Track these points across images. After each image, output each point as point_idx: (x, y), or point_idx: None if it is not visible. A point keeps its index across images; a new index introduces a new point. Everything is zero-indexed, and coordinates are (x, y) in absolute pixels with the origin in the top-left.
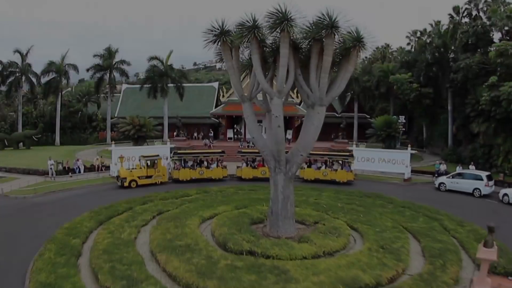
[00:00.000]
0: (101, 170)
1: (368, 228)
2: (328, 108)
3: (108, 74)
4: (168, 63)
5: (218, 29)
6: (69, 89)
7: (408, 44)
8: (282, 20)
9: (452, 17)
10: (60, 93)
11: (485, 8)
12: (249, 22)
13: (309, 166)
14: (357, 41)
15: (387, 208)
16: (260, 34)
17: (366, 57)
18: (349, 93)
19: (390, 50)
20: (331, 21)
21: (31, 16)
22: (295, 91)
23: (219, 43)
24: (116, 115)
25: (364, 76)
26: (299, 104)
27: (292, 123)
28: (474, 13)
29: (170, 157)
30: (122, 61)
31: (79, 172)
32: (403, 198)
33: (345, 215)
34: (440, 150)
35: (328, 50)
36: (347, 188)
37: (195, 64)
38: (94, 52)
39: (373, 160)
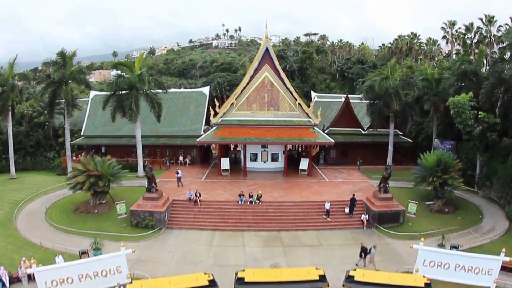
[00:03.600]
0: (32, 278)
1: None
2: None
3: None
4: (139, 71)
5: None
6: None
7: (444, 37)
8: None
9: None
10: (10, 113)
11: None
12: None
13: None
14: None
15: None
16: None
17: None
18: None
19: (417, 41)
20: None
21: None
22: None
23: None
24: (82, 133)
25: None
26: (315, 125)
27: (309, 152)
28: None
29: None
30: (80, 71)
31: (3, 285)
32: None
33: None
34: (503, 197)
35: None
36: None
37: (190, 41)
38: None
39: (446, 266)
